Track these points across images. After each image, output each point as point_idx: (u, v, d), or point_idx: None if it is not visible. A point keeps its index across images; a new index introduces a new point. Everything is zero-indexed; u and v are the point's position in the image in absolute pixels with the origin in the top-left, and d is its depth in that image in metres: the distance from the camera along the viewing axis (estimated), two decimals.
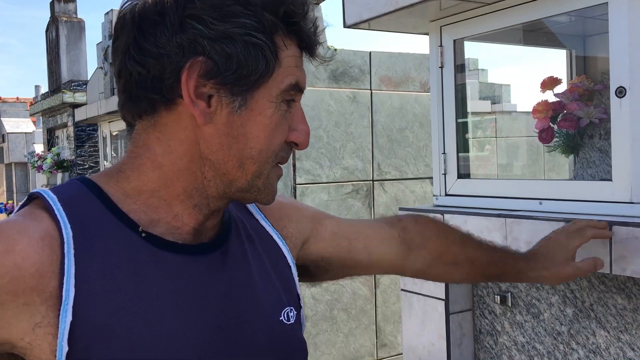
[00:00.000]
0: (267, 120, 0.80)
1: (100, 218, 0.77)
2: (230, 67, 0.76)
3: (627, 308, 1.62)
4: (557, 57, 2.76)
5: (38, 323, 0.70)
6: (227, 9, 0.75)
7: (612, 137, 1.64)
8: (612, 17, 1.60)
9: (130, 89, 0.79)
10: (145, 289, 0.76)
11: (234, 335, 0.82)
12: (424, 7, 1.97)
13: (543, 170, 3.13)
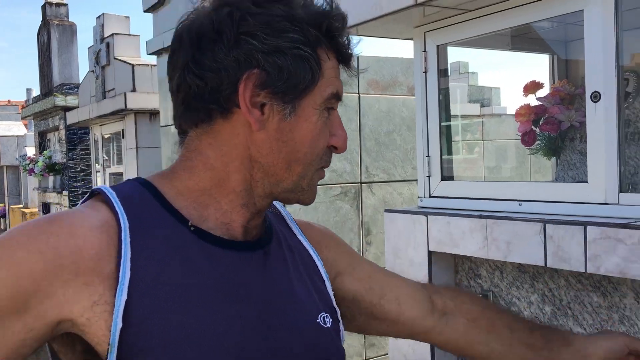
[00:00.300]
0: (312, 125, 0.87)
1: (153, 212, 0.84)
2: (281, 77, 0.83)
3: (602, 306, 1.67)
4: (541, 61, 2.83)
5: (96, 301, 0.76)
6: (276, 25, 0.82)
7: (587, 141, 1.70)
8: (587, 24, 1.66)
9: (189, 101, 0.86)
10: (193, 277, 0.81)
11: (274, 329, 0.86)
12: (408, 14, 2.01)
13: (529, 173, 3.17)
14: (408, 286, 1.15)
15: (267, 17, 0.82)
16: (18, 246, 0.76)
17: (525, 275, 1.88)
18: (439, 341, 1.15)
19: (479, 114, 6.60)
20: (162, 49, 4.67)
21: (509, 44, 2.59)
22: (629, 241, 1.46)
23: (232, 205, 0.88)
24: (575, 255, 1.58)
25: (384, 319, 1.11)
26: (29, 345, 0.76)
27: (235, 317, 0.82)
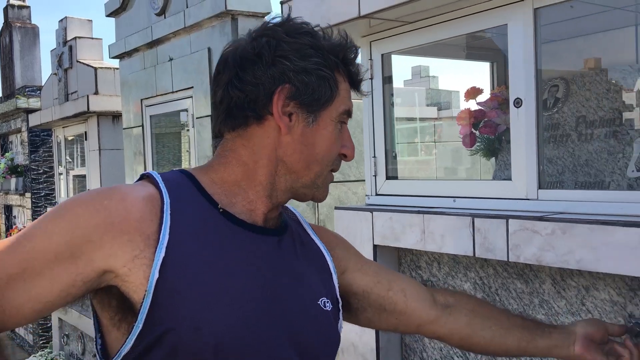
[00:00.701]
0: (329, 134, 1.06)
1: (190, 194, 1.02)
2: (307, 92, 1.02)
3: (525, 291, 1.84)
4: (484, 69, 3.02)
5: (137, 255, 0.92)
6: (304, 51, 1.02)
7: (511, 143, 1.87)
8: (510, 37, 1.83)
9: (231, 109, 1.04)
10: (219, 247, 0.99)
11: (281, 300, 1.02)
12: (354, 24, 2.17)
13: (480, 173, 3.35)
14: (411, 281, 1.32)
15: (297, 44, 1.02)
16: (78, 205, 0.93)
17: (459, 265, 2.05)
18: (444, 332, 1.29)
19: (436, 116, 6.80)
20: (124, 53, 4.74)
21: (449, 53, 2.77)
22: (544, 232, 1.63)
23: (258, 196, 1.05)
24: (499, 246, 1.75)
25: (393, 310, 1.25)
26: (78, 286, 0.91)
27: (250, 283, 0.99)
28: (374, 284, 1.24)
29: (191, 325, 0.92)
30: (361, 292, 1.23)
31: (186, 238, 0.96)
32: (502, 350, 1.31)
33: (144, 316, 0.91)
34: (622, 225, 1.46)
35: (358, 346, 2.31)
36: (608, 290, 1.64)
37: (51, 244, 0.90)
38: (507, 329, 1.30)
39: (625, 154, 1.96)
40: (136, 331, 0.92)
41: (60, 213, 0.93)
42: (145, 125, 4.58)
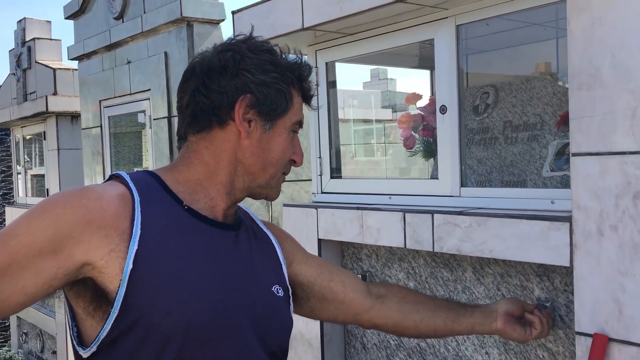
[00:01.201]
0: (283, 140, 1.20)
1: (157, 193, 1.13)
2: (266, 102, 1.16)
3: (450, 279, 2.05)
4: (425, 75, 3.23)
5: (113, 249, 1.02)
6: (264, 66, 1.16)
7: (437, 145, 2.07)
8: (437, 50, 2.03)
9: (196, 114, 1.17)
10: (185, 241, 1.10)
11: (239, 287, 1.15)
12: (300, 35, 2.34)
13: (428, 171, 3.56)
14: (350, 274, 1.51)
15: (258, 60, 1.16)
16: (58, 204, 1.03)
17: (395, 257, 2.24)
18: (379, 319, 1.47)
19: (391, 118, 7.02)
20: (83, 55, 4.82)
21: (391, 62, 2.97)
22: (463, 225, 1.83)
23: (218, 193, 1.18)
24: (426, 238, 1.95)
25: (333, 299, 1.42)
26: (59, 279, 1.00)
27: (214, 272, 1.12)
28: (317, 275, 1.40)
29: (162, 310, 1.03)
30: (306, 282, 1.39)
31: (156, 232, 1.06)
32: (431, 330, 1.51)
33: (119, 303, 1.01)
34: (527, 219, 1.67)
35: (304, 333, 2.49)
36: (519, 276, 1.85)
37: (35, 240, 0.98)
38: (434, 311, 1.50)
39: (542, 156, 2.19)
40: (112, 317, 1.02)
41: (42, 212, 1.02)
42: (103, 126, 4.67)
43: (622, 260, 1.44)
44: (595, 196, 1.48)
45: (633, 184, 1.41)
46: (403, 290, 1.54)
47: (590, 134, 1.49)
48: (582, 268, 1.53)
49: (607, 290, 1.47)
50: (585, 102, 1.50)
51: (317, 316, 1.47)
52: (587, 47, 1.48)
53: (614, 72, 1.43)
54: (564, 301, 1.73)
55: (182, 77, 1.23)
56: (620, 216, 1.44)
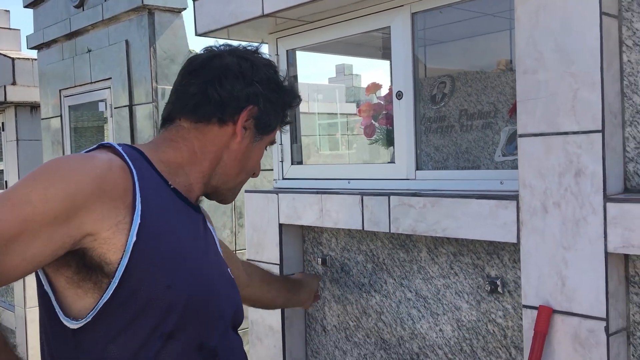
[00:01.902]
0: (259, 155, 1.33)
1: (148, 169, 1.15)
2: (264, 119, 1.27)
3: (406, 260, 2.11)
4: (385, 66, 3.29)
5: (120, 221, 1.05)
6: (272, 84, 1.28)
7: (394, 130, 2.13)
8: (393, 37, 2.09)
9: (201, 105, 1.23)
10: (177, 218, 1.17)
11: (215, 265, 1.27)
12: (261, 22, 2.37)
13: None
14: (236, 257, 1.74)
15: (268, 77, 1.27)
16: (74, 171, 1.03)
17: (354, 240, 2.30)
18: (250, 296, 1.79)
19: (355, 112, 7.10)
20: (42, 44, 4.75)
21: (351, 52, 3.03)
22: (417, 206, 1.90)
23: (196, 181, 1.25)
24: (382, 220, 2.01)
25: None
26: (65, 247, 1.01)
27: (200, 250, 1.22)
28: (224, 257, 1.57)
29: (163, 283, 1.08)
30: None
31: (153, 207, 1.10)
32: (276, 305, 2.08)
33: (120, 274, 1.04)
34: (477, 198, 1.75)
35: (265, 317, 2.53)
36: (471, 255, 1.92)
37: (52, 208, 0.97)
38: (279, 290, 1.94)
39: (494, 142, 2.26)
40: (112, 287, 1.04)
41: (58, 179, 1.01)
42: (64, 115, 4.62)
43: (565, 235, 1.52)
44: (540, 175, 1.56)
45: (575, 163, 1.49)
46: (258, 270, 1.91)
47: (535, 115, 1.57)
48: (528, 244, 1.60)
49: (551, 264, 1.55)
50: (530, 85, 1.57)
51: None
52: (532, 32, 1.56)
53: (556, 56, 1.51)
54: (512, 277, 1.80)
55: (192, 62, 1.28)
56: (563, 193, 1.52)
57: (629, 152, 1.52)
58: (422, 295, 2.06)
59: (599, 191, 1.45)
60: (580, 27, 1.47)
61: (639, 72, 1.50)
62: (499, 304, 1.84)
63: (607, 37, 1.47)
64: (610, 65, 1.48)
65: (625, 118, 1.52)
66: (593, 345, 1.48)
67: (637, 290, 1.53)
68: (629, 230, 1.41)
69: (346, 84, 10.20)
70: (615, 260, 1.49)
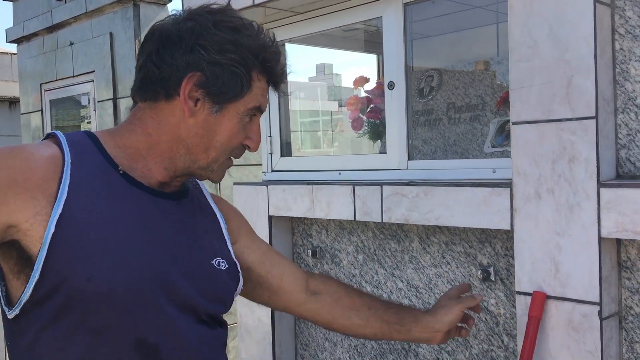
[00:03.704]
0: (232, 125, 1.12)
1: (92, 155, 1.09)
2: (216, 84, 1.09)
3: (398, 250, 2.12)
4: (371, 60, 3.31)
5: (38, 212, 1.00)
6: (224, 45, 1.08)
7: (386, 121, 2.14)
8: (385, 27, 2.10)
9: (145, 81, 1.12)
10: (115, 205, 1.06)
11: (172, 255, 1.11)
12: (251, 12, 2.36)
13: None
14: (291, 267, 1.45)
15: (219, 38, 1.08)
16: None
17: (344, 231, 2.30)
18: (309, 314, 1.45)
19: (337, 110, 7.12)
20: (22, 37, 4.67)
21: (340, 45, 3.03)
22: (410, 195, 1.90)
23: (156, 166, 1.13)
24: (375, 209, 2.01)
25: (268, 289, 1.39)
26: None
27: (144, 239, 1.07)
28: (258, 263, 1.37)
29: (83, 276, 1.00)
30: (245, 267, 1.33)
31: (83, 196, 1.03)
32: (362, 336, 1.51)
33: (39, 267, 0.99)
34: (470, 186, 1.76)
35: (255, 310, 2.52)
36: (463, 244, 1.93)
37: None
38: (367, 321, 1.44)
39: (483, 134, 2.28)
40: (33, 280, 0.99)
41: None
42: (44, 110, 4.55)
43: (559, 221, 1.54)
44: (534, 161, 1.58)
45: (568, 149, 1.51)
46: (340, 291, 1.47)
47: (530, 103, 1.58)
48: (522, 230, 1.62)
49: (545, 250, 1.57)
50: (524, 73, 1.59)
51: (251, 298, 1.45)
52: (526, 20, 1.57)
53: (551, 44, 1.53)
54: (504, 265, 1.82)
55: (144, 36, 1.18)
56: (556, 179, 1.54)
57: (621, 139, 1.54)
58: (414, 285, 2.07)
59: (592, 177, 1.47)
60: (574, 15, 1.49)
61: (630, 60, 1.52)
62: (492, 291, 1.86)
63: (600, 25, 1.49)
64: (603, 53, 1.50)
65: (617, 105, 1.54)
66: (587, 329, 1.50)
67: (629, 275, 1.55)
68: (622, 215, 1.43)
69: (327, 82, 10.22)
70: (608, 245, 1.51)
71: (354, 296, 1.47)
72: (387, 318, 1.45)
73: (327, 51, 3.53)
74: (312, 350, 2.45)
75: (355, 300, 1.46)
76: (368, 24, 2.52)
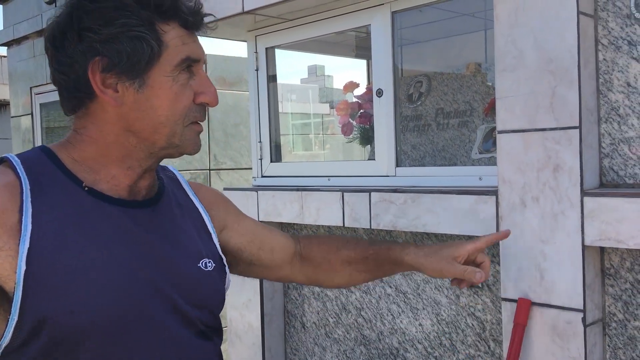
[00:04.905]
0: (166, 91, 0.99)
1: (52, 175, 0.99)
2: (121, 59, 0.96)
3: None
4: (361, 65, 3.32)
5: (1, 247, 0.90)
6: (108, 15, 0.95)
7: (374, 127, 2.16)
8: (373, 35, 2.11)
9: (62, 93, 1.02)
10: (86, 227, 0.97)
11: (156, 268, 1.02)
12: (240, 19, 2.37)
13: (365, 159, 3.66)
14: (281, 239, 1.38)
15: (100, 10, 0.96)
16: None
17: None
18: (299, 281, 1.43)
19: (328, 113, 7.13)
20: (12, 41, 4.66)
21: (328, 50, 3.05)
22: (398, 202, 1.92)
23: (119, 170, 1.03)
24: (363, 215, 2.03)
25: (260, 265, 1.33)
26: None
27: (123, 258, 0.98)
28: (248, 243, 1.30)
29: (65, 309, 0.92)
30: (236, 249, 1.28)
31: (50, 224, 0.94)
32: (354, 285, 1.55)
33: (17, 308, 0.91)
34: (457, 194, 1.78)
35: (245, 315, 2.53)
36: None
37: None
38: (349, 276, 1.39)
39: (471, 140, 2.31)
40: (12, 323, 0.91)
41: None
42: (35, 113, 4.54)
43: (544, 229, 1.56)
44: (519, 170, 1.60)
45: (553, 158, 1.53)
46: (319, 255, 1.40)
47: (515, 112, 1.60)
48: (507, 238, 1.64)
49: (530, 257, 1.59)
50: (510, 82, 1.61)
51: (245, 275, 1.39)
52: (511, 31, 1.59)
53: (536, 54, 1.55)
54: (491, 272, 1.84)
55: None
56: (541, 188, 1.56)
57: (605, 148, 1.57)
58: (402, 291, 2.09)
59: (576, 186, 1.49)
60: (558, 26, 1.51)
61: (613, 70, 1.55)
62: (478, 297, 1.88)
63: (583, 36, 1.51)
64: (587, 64, 1.52)
65: (600, 115, 1.57)
66: (571, 336, 1.52)
67: (613, 282, 1.58)
68: (605, 223, 1.45)
69: (318, 84, 10.24)
70: (591, 253, 1.53)
71: (332, 256, 1.39)
72: (368, 268, 1.38)
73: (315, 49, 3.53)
74: (302, 355, 2.46)
75: (333, 262, 1.39)
76: (359, 30, 2.54)
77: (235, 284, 2.57)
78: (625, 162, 1.54)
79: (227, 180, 3.91)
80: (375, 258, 1.35)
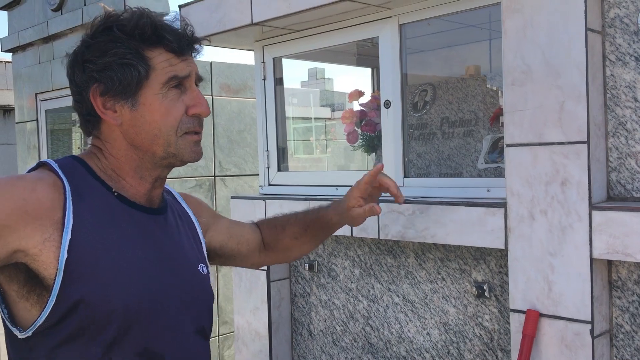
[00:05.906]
0: (158, 107, 1.16)
1: (87, 180, 1.15)
2: (114, 83, 1.14)
3: (394, 265, 2.16)
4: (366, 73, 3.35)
5: (47, 238, 1.06)
6: (103, 47, 1.14)
7: (382, 138, 2.18)
8: (381, 47, 2.13)
9: (80, 118, 1.21)
10: (117, 226, 1.14)
11: (171, 269, 1.20)
12: (248, 30, 2.39)
13: (367, 166, 3.68)
14: (250, 231, 1.60)
15: (97, 44, 1.15)
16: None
17: (341, 245, 2.33)
18: (265, 263, 1.67)
19: (329, 116, 7.14)
20: (17, 47, 4.68)
21: (334, 59, 3.07)
22: (407, 213, 1.94)
23: (134, 180, 1.20)
24: (371, 226, 2.05)
25: (237, 256, 1.56)
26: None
27: (147, 257, 1.16)
28: (228, 239, 1.52)
29: (100, 295, 1.07)
30: (218, 247, 1.50)
31: (88, 220, 1.10)
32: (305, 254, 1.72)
33: (56, 291, 1.05)
34: (465, 205, 1.80)
35: (252, 322, 2.55)
36: (458, 260, 1.97)
37: None
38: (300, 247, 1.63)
39: (476, 149, 2.33)
40: (50, 304, 1.06)
41: None
42: (40, 120, 4.56)
43: (552, 241, 1.58)
44: (527, 183, 1.62)
45: (561, 172, 1.56)
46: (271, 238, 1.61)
47: (523, 126, 1.63)
48: (516, 250, 1.66)
49: (538, 269, 1.61)
50: (518, 96, 1.63)
51: (222, 265, 1.64)
52: (519, 46, 1.62)
53: (544, 69, 1.57)
54: (499, 282, 1.86)
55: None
56: (549, 201, 1.58)
57: (612, 162, 1.59)
58: (410, 300, 2.11)
59: (584, 199, 1.52)
60: (566, 42, 1.53)
61: (621, 86, 1.57)
62: (486, 307, 1.90)
63: (591, 51, 1.53)
64: (594, 79, 1.55)
65: (608, 129, 1.59)
66: (579, 347, 1.54)
67: (620, 295, 1.60)
68: (613, 237, 1.47)
69: (319, 87, 10.28)
70: (599, 265, 1.55)
71: (282, 236, 1.61)
72: (314, 234, 1.62)
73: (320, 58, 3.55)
74: None
75: (285, 241, 1.61)
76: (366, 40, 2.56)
77: (243, 291, 2.59)
78: (633, 175, 1.56)
79: (231, 186, 3.93)
80: (313, 227, 1.60)
